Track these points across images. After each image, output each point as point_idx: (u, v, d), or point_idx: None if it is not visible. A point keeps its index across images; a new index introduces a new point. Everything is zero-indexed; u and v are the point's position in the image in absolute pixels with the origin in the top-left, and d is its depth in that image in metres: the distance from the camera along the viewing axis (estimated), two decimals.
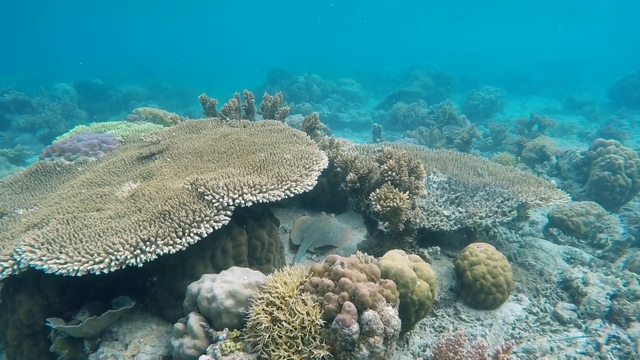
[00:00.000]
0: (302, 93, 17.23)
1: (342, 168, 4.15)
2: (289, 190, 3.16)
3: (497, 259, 3.74)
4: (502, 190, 4.60)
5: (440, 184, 4.86)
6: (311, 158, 3.68)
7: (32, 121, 10.47)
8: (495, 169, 5.23)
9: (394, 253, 3.10)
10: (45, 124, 10.69)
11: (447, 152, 5.73)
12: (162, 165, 3.91)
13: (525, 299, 3.90)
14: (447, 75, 21.25)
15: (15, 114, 10.97)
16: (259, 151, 3.80)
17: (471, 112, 14.56)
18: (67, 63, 29.96)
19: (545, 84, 23.28)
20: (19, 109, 11.08)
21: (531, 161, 7.78)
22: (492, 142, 10.51)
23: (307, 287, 2.58)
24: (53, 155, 4.45)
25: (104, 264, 2.51)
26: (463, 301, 3.81)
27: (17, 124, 10.53)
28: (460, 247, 4.65)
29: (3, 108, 10.93)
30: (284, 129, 4.46)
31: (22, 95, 11.26)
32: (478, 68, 28.47)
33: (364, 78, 23.29)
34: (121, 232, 2.79)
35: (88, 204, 3.42)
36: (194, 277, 2.97)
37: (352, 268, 2.68)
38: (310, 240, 4.44)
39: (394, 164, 3.60)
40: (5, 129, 10.89)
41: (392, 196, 3.40)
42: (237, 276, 2.78)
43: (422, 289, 2.94)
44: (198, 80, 24.69)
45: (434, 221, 4.11)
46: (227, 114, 4.76)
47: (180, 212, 2.84)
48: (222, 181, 3.03)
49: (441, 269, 4.11)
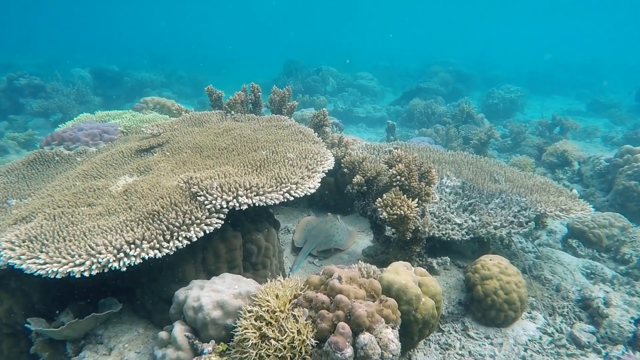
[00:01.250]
0: (318, 86, 16.96)
1: (349, 169, 3.93)
2: (288, 194, 2.96)
3: (511, 273, 3.49)
4: (520, 199, 4.32)
5: (454, 188, 4.60)
6: (315, 158, 3.46)
7: (46, 106, 10.46)
8: (513, 174, 4.94)
9: (399, 266, 2.88)
10: (58, 109, 10.68)
11: (462, 154, 5.44)
12: (161, 159, 3.74)
13: (540, 317, 3.64)
14: (466, 72, 20.70)
15: (30, 98, 10.98)
16: (260, 149, 3.59)
17: (490, 111, 14.11)
18: (87, 49, 30.17)
19: (568, 85, 22.52)
20: (33, 94, 11.09)
21: (551, 166, 7.42)
22: (510, 144, 10.12)
23: (301, 302, 2.37)
24: (53, 144, 4.32)
25: (84, 267, 2.35)
26: (472, 316, 3.57)
27: (30, 109, 10.54)
28: (471, 257, 4.39)
29: (17, 92, 10.94)
30: (290, 125, 4.24)
31: (36, 79, 11.25)
32: (499, 66, 27.76)
33: (381, 72, 22.86)
34: (107, 232, 2.62)
35: (80, 198, 3.27)
36: (183, 282, 2.80)
37: (350, 283, 2.47)
38: (313, 243, 4.23)
39: (403, 168, 3.35)
40: (19, 113, 10.92)
41: (399, 203, 3.17)
42: (228, 285, 2.59)
43: (427, 307, 2.72)
44: (214, 69, 24.59)
45: (444, 230, 3.86)
46: (232, 107, 4.57)
47: (170, 213, 2.66)
48: (216, 181, 2.84)
49: (450, 281, 3.87)
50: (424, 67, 22.72)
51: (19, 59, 21.27)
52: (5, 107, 10.94)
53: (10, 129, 10.20)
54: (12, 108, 10.97)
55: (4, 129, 10.21)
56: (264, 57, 32.14)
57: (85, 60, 21.62)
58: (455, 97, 16.35)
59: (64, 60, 21.97)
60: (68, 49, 29.18)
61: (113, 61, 20.07)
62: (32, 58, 22.59)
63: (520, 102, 15.31)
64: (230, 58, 33.49)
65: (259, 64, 28.55)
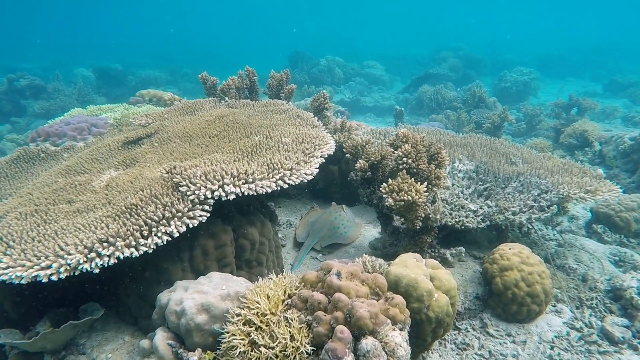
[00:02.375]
0: (324, 76, 16.60)
1: (351, 154, 3.61)
2: (282, 181, 2.66)
3: (533, 263, 3.15)
4: (539, 181, 3.96)
5: (467, 172, 4.26)
6: (313, 142, 3.16)
7: (47, 107, 10.31)
8: (531, 156, 4.57)
9: (408, 258, 2.56)
10: (60, 110, 10.50)
11: (475, 136, 5.08)
12: (148, 150, 3.48)
13: (566, 310, 3.30)
14: (476, 57, 20.10)
15: (31, 100, 10.84)
16: (254, 134, 3.30)
17: (502, 95, 13.60)
18: (92, 50, 30.17)
19: (583, 66, 21.75)
20: (34, 95, 10.95)
21: (570, 148, 6.99)
22: (525, 128, 9.68)
23: (295, 303, 2.08)
24: (38, 140, 4.09)
25: (51, 270, 2.09)
26: (491, 312, 3.25)
27: (32, 110, 10.40)
28: (488, 246, 4.06)
29: (19, 94, 10.81)
30: (288, 110, 3.94)
31: (37, 80, 11.11)
32: (510, 50, 27.00)
33: (389, 61, 22.35)
34: (79, 230, 2.36)
35: (60, 195, 3.02)
36: (169, 283, 2.53)
37: (351, 279, 2.17)
38: (316, 237, 3.94)
39: (409, 149, 3.03)
40: (21, 115, 10.79)
41: (406, 188, 2.85)
42: (215, 285, 2.31)
43: (440, 304, 2.40)
44: (220, 65, 24.29)
45: (458, 217, 3.53)
46: (226, 93, 4.28)
47: (149, 206, 2.38)
48: (200, 169, 2.55)
49: (466, 273, 3.54)
50: (432, 54, 22.14)
51: (24, 62, 21.29)
52: (7, 109, 10.82)
53: (13, 132, 10.08)
54: (14, 110, 10.85)
55: (7, 132, 10.09)
56: (270, 50, 31.81)
57: (90, 61, 21.50)
58: (465, 82, 15.83)
59: (69, 62, 21.92)
60: (73, 51, 29.23)
61: (118, 61, 19.92)
62: (37, 61, 22.60)
63: (534, 86, 14.76)
64: (237, 53, 33.22)
65: (265, 58, 28.20)
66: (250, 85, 4.47)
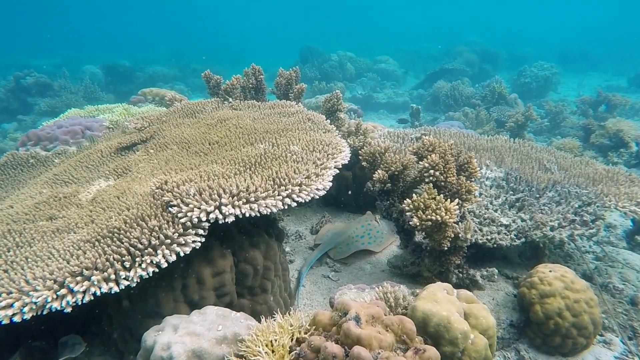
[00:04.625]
0: (335, 72, 16.14)
1: (368, 162, 3.22)
2: (289, 198, 2.29)
3: (579, 289, 2.73)
4: (580, 191, 3.53)
5: (495, 180, 3.84)
6: (326, 151, 2.78)
7: (53, 105, 10.09)
8: (567, 161, 4.13)
9: (437, 290, 2.18)
10: (66, 108, 10.24)
11: (502, 139, 4.65)
12: (142, 158, 3.13)
13: (617, 341, 2.88)
14: (493, 51, 19.42)
15: (37, 97, 10.64)
16: (259, 141, 2.93)
17: (522, 90, 13.01)
18: (103, 47, 30.06)
19: (605, 59, 20.89)
20: (40, 92, 10.74)
21: (602, 148, 6.49)
22: (548, 125, 9.15)
23: (305, 353, 1.71)
24: (29, 145, 3.78)
25: (13, 310, 1.75)
26: (528, 342, 2.85)
27: (38, 108, 10.19)
28: (520, 263, 3.64)
29: (25, 91, 10.61)
30: (297, 112, 3.56)
31: (43, 77, 10.89)
32: (527, 43, 26.13)
33: (402, 56, 21.73)
34: (52, 258, 2.02)
35: (41, 210, 2.69)
36: (159, 316, 2.18)
37: (373, 323, 1.79)
38: (332, 242, 3.58)
39: (437, 160, 2.63)
40: (28, 113, 10.60)
41: (434, 206, 2.46)
42: (209, 324, 1.95)
43: (477, 348, 2.01)
44: (230, 61, 23.94)
45: (489, 234, 3.13)
46: (230, 93, 3.91)
47: (133, 230, 2.03)
48: (194, 186, 2.19)
49: (497, 296, 3.14)
50: (447, 48, 21.49)
51: (36, 59, 21.21)
52: (14, 107, 10.64)
53: (20, 130, 9.88)
54: (21, 108, 10.66)
55: (14, 131, 9.90)
56: (282, 45, 31.33)
57: (102, 57, 21.29)
58: (482, 78, 15.27)
59: (80, 59, 21.75)
60: (85, 47, 29.15)
61: (130, 57, 19.71)
62: (49, 58, 22.52)
63: (555, 80, 14.12)
64: (247, 48, 32.84)
65: (276, 53, 27.77)
66: (257, 85, 4.10)
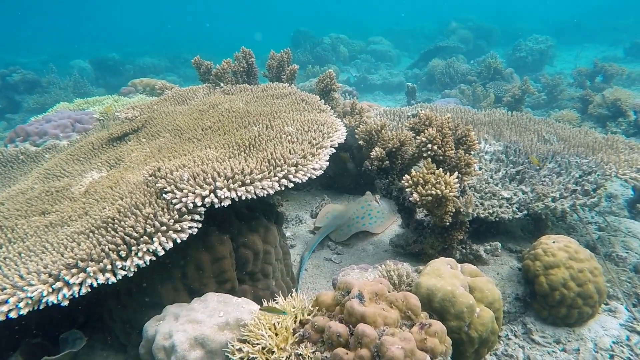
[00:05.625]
0: (328, 55, 15.92)
1: (365, 141, 3.16)
2: (286, 179, 2.23)
3: (584, 259, 2.70)
4: (580, 161, 3.48)
5: (495, 154, 3.78)
6: (321, 130, 2.71)
7: (42, 101, 9.91)
8: (566, 132, 4.07)
9: (440, 265, 2.14)
10: (56, 104, 10.11)
11: (499, 112, 4.58)
12: (134, 148, 3.07)
13: (622, 309, 2.86)
14: (487, 26, 19.16)
15: (25, 95, 10.45)
16: (252, 124, 2.86)
17: (517, 65, 12.85)
18: (90, 42, 29.51)
19: (600, 30, 20.64)
20: (28, 90, 10.55)
21: (601, 119, 6.42)
22: (545, 99, 9.06)
23: (309, 334, 1.68)
24: (17, 141, 3.70)
25: (8, 306, 1.70)
26: (535, 315, 2.83)
27: (27, 106, 10.02)
28: (523, 237, 3.62)
29: (12, 89, 10.41)
30: (290, 93, 3.48)
31: (30, 74, 10.69)
32: (521, 18, 25.79)
33: (395, 36, 21.45)
34: (46, 252, 1.97)
35: (33, 205, 2.63)
36: (159, 306, 2.14)
37: (376, 300, 1.75)
38: (333, 225, 3.54)
39: (434, 133, 2.57)
40: (17, 112, 10.41)
41: (433, 180, 2.41)
42: (211, 311, 1.91)
43: (483, 321, 1.99)
44: (221, 49, 23.57)
45: (490, 208, 3.08)
46: (221, 78, 3.82)
47: (128, 219, 1.98)
48: (187, 171, 2.13)
49: (501, 270, 3.12)
50: (440, 27, 21.18)
51: (23, 57, 20.84)
52: (2, 106, 10.44)
53: (9, 130, 9.73)
54: (10, 107, 10.47)
55: (3, 130, 9.75)
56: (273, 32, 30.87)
57: (89, 53, 21.00)
58: (476, 54, 15.09)
59: (68, 54, 21.40)
60: (73, 43, 28.63)
61: (118, 51, 19.38)
62: (36, 55, 22.13)
63: (550, 54, 13.97)
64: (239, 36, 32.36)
65: (267, 41, 27.38)
66: (248, 68, 4.01)
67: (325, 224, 3.69)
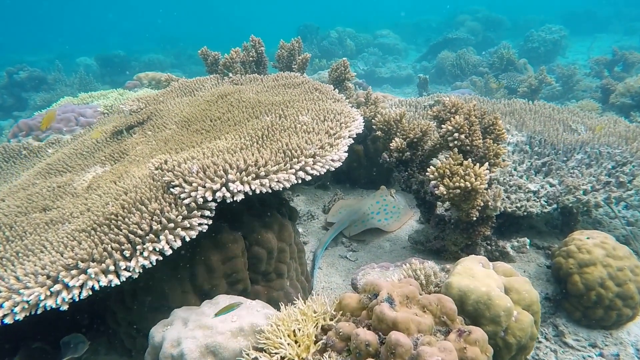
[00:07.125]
0: (335, 49, 15.68)
1: (383, 131, 2.98)
2: (303, 171, 2.06)
3: (623, 256, 2.51)
4: (612, 151, 3.27)
5: (518, 145, 3.58)
6: (338, 119, 2.53)
7: (48, 99, 9.80)
8: (593, 121, 3.85)
9: (472, 264, 1.96)
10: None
11: (520, 102, 4.37)
12: (139, 141, 2.91)
13: None
14: (496, 18, 18.80)
15: (32, 92, 10.38)
16: (264, 114, 2.69)
17: (529, 56, 12.53)
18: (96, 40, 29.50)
19: (614, 19, 20.19)
20: (35, 87, 10.48)
21: (624, 108, 6.18)
22: (560, 90, 8.78)
23: (333, 342, 1.51)
24: (20, 136, 3.57)
25: (3, 311, 1.55)
26: (567, 316, 2.64)
27: (34, 103, 9.93)
28: (549, 232, 3.42)
29: (19, 86, 10.33)
30: (303, 82, 3.31)
31: (36, 71, 10.61)
32: (531, 9, 25.33)
33: (402, 29, 21.16)
34: (45, 251, 1.82)
35: (35, 201, 2.49)
36: (166, 309, 1.99)
37: (408, 304, 1.58)
38: (347, 221, 3.37)
39: (462, 121, 2.38)
40: (24, 109, 10.34)
41: (462, 172, 2.22)
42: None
43: (522, 326, 1.81)
44: (227, 44, 23.48)
45: (517, 201, 2.89)
46: (230, 68, 3.65)
47: (132, 216, 1.82)
48: (197, 163, 1.96)
49: (528, 268, 2.93)
50: (448, 19, 20.87)
51: (30, 55, 20.83)
52: (10, 103, 10.39)
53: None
54: (17, 104, 10.41)
55: (10, 128, 9.67)
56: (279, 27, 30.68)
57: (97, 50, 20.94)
58: (485, 46, 14.77)
59: (75, 53, 21.36)
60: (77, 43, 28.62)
61: (124, 48, 19.28)
62: (43, 53, 22.11)
63: (563, 44, 13.62)
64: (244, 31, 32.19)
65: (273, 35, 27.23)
66: (257, 58, 3.83)
67: (338, 219, 3.52)
